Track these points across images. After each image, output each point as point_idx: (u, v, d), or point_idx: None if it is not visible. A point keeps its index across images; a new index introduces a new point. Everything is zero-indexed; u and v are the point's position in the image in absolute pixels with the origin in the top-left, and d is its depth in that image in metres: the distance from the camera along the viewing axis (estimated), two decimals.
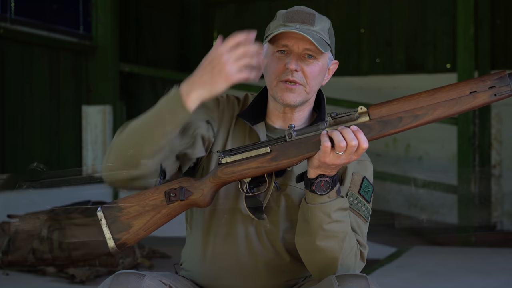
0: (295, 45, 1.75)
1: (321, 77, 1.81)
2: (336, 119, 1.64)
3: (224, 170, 1.69)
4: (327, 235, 1.67)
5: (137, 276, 1.68)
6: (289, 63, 1.74)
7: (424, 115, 1.61)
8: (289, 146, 1.66)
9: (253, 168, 1.68)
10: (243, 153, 1.69)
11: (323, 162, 1.61)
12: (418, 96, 1.63)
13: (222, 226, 1.81)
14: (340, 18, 7.45)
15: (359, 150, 1.60)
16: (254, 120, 1.83)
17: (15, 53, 5.41)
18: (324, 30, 1.79)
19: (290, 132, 1.66)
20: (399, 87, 7.09)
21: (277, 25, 1.78)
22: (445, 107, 1.61)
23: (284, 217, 1.80)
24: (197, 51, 7.83)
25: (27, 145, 5.49)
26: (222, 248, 1.82)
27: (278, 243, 1.80)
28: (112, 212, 1.70)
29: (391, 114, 1.62)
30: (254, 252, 1.81)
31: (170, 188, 1.70)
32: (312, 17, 1.78)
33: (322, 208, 1.66)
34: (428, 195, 6.94)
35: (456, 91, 1.60)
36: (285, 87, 1.76)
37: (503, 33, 7.03)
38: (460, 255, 4.79)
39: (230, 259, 1.82)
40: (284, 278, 1.84)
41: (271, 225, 1.80)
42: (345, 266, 1.72)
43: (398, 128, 1.62)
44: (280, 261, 1.82)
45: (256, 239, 1.81)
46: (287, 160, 1.66)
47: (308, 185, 1.66)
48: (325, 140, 1.60)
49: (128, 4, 6.96)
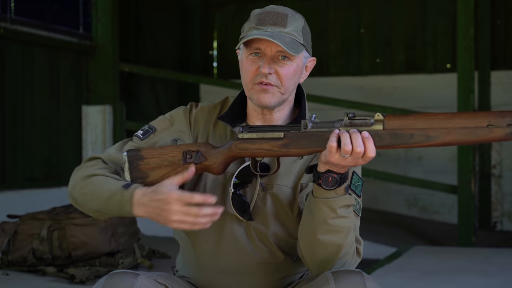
0: (267, 48, 1.76)
1: (297, 77, 1.81)
2: (352, 121, 1.63)
3: (238, 145, 1.72)
4: (330, 230, 1.68)
5: (131, 276, 1.69)
6: (262, 67, 1.76)
7: (436, 137, 1.59)
8: (302, 136, 1.67)
9: (265, 149, 1.70)
10: (259, 132, 1.71)
11: (329, 161, 1.62)
12: (435, 117, 1.59)
13: (211, 230, 1.81)
14: (340, 18, 7.45)
15: (365, 157, 1.60)
16: (234, 121, 1.85)
17: (15, 53, 5.41)
18: (297, 30, 1.78)
19: (306, 123, 1.67)
20: (399, 87, 7.09)
21: (249, 27, 1.79)
22: (459, 134, 1.58)
23: (272, 216, 1.81)
24: (197, 51, 7.84)
25: (27, 145, 5.49)
26: (214, 252, 1.83)
27: (269, 241, 1.81)
28: (135, 159, 1.76)
29: (404, 128, 1.60)
30: (246, 253, 1.82)
31: (188, 150, 1.74)
32: (284, 18, 1.78)
33: (327, 203, 1.66)
34: (428, 195, 6.95)
35: (474, 121, 1.57)
36: (260, 88, 1.77)
37: (503, 33, 7.03)
38: (460, 255, 4.79)
39: (223, 261, 1.83)
40: (279, 275, 1.85)
41: (260, 224, 1.81)
42: (343, 261, 1.72)
43: (407, 144, 1.61)
44: (274, 259, 1.82)
45: (247, 240, 1.81)
46: (296, 150, 1.68)
47: (315, 178, 1.66)
48: (332, 140, 1.60)
49: (128, 4, 6.96)
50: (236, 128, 1.80)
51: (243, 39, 1.77)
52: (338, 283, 1.63)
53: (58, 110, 5.84)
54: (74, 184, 1.80)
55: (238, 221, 1.81)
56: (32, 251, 3.92)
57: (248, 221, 1.80)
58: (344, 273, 1.65)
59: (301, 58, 1.80)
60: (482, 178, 6.78)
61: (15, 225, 4.00)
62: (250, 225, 1.81)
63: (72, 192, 1.81)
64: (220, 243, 1.83)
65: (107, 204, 1.73)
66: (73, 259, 3.90)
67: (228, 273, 1.83)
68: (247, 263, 1.82)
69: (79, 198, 1.79)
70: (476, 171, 6.06)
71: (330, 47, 7.46)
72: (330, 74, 7.46)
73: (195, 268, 1.87)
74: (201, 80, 7.07)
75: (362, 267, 1.78)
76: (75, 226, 3.93)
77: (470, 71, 5.38)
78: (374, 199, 6.98)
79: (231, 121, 1.84)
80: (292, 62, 1.77)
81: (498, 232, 6.73)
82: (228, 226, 1.82)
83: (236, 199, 1.78)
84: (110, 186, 1.73)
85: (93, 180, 1.76)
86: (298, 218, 1.81)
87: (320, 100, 5.90)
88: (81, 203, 1.80)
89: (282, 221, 1.81)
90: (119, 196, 1.70)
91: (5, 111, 5.29)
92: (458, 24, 5.44)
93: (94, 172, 1.77)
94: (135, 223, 4.32)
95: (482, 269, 4.21)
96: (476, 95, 6.34)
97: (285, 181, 1.81)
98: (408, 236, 5.99)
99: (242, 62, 1.81)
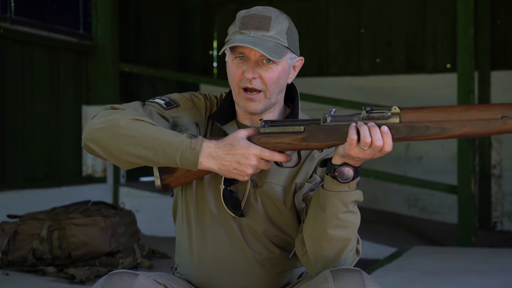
0: (251, 52, 1.77)
1: (283, 79, 1.81)
2: (370, 114, 1.65)
3: (260, 139, 1.73)
4: (340, 224, 1.69)
5: (131, 276, 1.69)
6: (246, 72, 1.77)
7: (451, 129, 1.60)
8: (321, 130, 1.69)
9: (285, 143, 1.72)
10: (280, 127, 1.73)
11: (348, 154, 1.63)
12: (452, 110, 1.60)
13: (205, 228, 1.84)
14: (340, 18, 7.45)
15: (383, 151, 1.62)
16: (224, 120, 1.86)
17: (15, 53, 5.41)
18: (281, 33, 1.78)
19: (325, 117, 1.69)
20: (399, 87, 7.09)
21: (233, 31, 1.80)
22: (474, 126, 1.58)
23: (264, 213, 1.82)
24: (197, 51, 7.84)
25: (27, 145, 5.49)
26: (209, 250, 1.85)
27: (263, 238, 1.83)
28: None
29: (420, 121, 1.61)
30: (242, 249, 1.83)
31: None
32: (268, 21, 1.78)
33: (340, 197, 1.67)
34: (428, 195, 6.95)
35: (488, 113, 1.57)
36: (245, 97, 1.79)
37: (503, 33, 7.03)
38: (460, 255, 4.79)
39: (219, 259, 1.84)
40: (276, 271, 1.86)
41: (252, 221, 1.82)
42: (345, 258, 1.73)
43: (423, 136, 1.62)
44: (270, 254, 1.84)
45: (241, 236, 1.83)
46: (316, 143, 1.70)
47: (331, 170, 1.67)
48: (352, 133, 1.61)
49: (128, 4, 6.96)
50: (260, 122, 1.80)
51: (226, 45, 1.77)
52: (337, 281, 1.63)
53: (58, 110, 5.84)
54: (101, 127, 1.73)
55: (231, 218, 1.83)
56: (32, 251, 3.92)
57: (240, 217, 1.81)
58: (343, 271, 1.65)
59: (286, 61, 1.80)
60: (482, 178, 6.78)
61: (15, 225, 4.00)
62: (243, 221, 1.83)
63: (94, 134, 1.74)
64: (214, 241, 1.84)
65: (158, 149, 1.69)
66: (73, 259, 3.90)
67: (225, 270, 1.84)
68: (243, 259, 1.83)
69: (107, 142, 1.72)
70: (476, 171, 6.06)
71: (330, 47, 7.46)
72: (330, 74, 7.46)
73: (191, 267, 1.88)
74: (201, 80, 7.07)
75: (362, 267, 1.78)
76: (75, 226, 3.93)
77: (470, 71, 5.37)
78: (374, 199, 6.97)
79: (222, 119, 1.86)
80: (277, 65, 1.78)
81: (498, 232, 6.72)
82: (221, 224, 1.83)
83: (227, 196, 1.80)
84: (165, 132, 1.71)
85: (140, 124, 1.72)
86: (290, 215, 1.83)
87: (320, 100, 5.90)
88: (106, 146, 1.72)
89: (274, 218, 1.83)
90: (184, 144, 1.68)
91: (5, 111, 5.29)
92: (458, 24, 5.43)
93: (138, 117, 1.74)
94: (135, 223, 4.32)
95: (482, 269, 4.21)
96: (476, 95, 6.34)
97: (276, 179, 1.82)
98: (408, 236, 5.99)
99: (228, 65, 1.82)
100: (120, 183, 6.13)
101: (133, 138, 1.70)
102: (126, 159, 1.73)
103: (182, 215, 1.90)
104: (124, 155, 1.72)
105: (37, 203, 5.04)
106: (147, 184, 6.41)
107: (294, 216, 1.84)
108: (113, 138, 1.72)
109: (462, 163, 5.40)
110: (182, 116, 1.85)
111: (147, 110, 1.83)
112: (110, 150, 1.73)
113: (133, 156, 1.72)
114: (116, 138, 1.71)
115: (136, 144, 1.70)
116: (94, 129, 1.74)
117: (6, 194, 5.08)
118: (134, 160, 1.73)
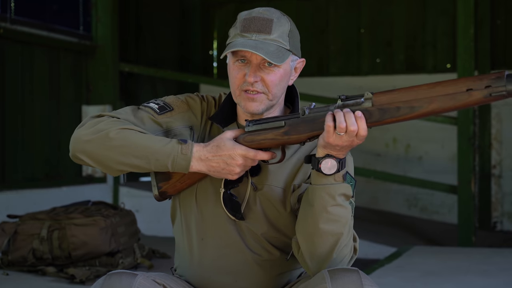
0: (252, 56, 1.77)
1: (285, 81, 1.82)
2: (345, 102, 1.69)
3: (246, 138, 1.77)
4: (330, 218, 1.69)
5: (129, 276, 1.69)
6: (247, 75, 1.77)
7: (420, 107, 1.63)
8: (300, 122, 1.73)
9: (269, 139, 1.75)
10: (263, 124, 1.77)
11: (327, 142, 1.65)
12: (419, 88, 1.64)
13: (204, 230, 1.84)
14: (340, 18, 7.45)
15: (359, 136, 1.64)
16: (225, 122, 1.87)
17: (15, 53, 5.41)
18: (282, 36, 1.78)
19: (304, 110, 1.72)
20: (399, 87, 7.08)
21: (235, 34, 1.79)
22: (441, 101, 1.61)
23: (264, 216, 1.82)
24: (197, 51, 7.84)
25: (27, 145, 5.49)
26: (209, 252, 1.85)
27: (263, 240, 1.83)
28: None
29: (390, 102, 1.65)
30: (241, 251, 1.83)
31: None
32: (269, 24, 1.77)
33: (326, 189, 1.68)
34: (428, 195, 6.95)
35: (454, 87, 1.61)
36: (246, 96, 1.79)
37: (503, 33, 7.03)
38: (460, 255, 4.79)
39: (218, 260, 1.84)
40: (275, 272, 1.86)
41: (252, 224, 1.82)
42: (342, 255, 1.73)
43: (395, 117, 1.65)
44: (269, 256, 1.84)
45: (241, 238, 1.83)
46: (296, 136, 1.73)
47: (315, 164, 1.69)
48: (329, 120, 1.65)
49: (128, 4, 6.96)
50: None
51: (228, 49, 1.77)
52: (335, 281, 1.63)
53: (58, 110, 5.84)
54: (90, 138, 1.76)
55: (230, 220, 1.83)
56: (32, 251, 3.92)
57: (240, 220, 1.82)
58: (340, 271, 1.65)
59: (288, 63, 1.81)
60: (482, 178, 6.78)
61: (15, 225, 4.00)
62: (243, 223, 1.83)
63: (84, 146, 1.77)
64: (213, 243, 1.84)
65: (150, 157, 1.73)
66: (73, 259, 3.90)
67: (225, 271, 1.84)
68: (242, 261, 1.83)
69: (98, 152, 1.75)
70: (476, 171, 6.06)
71: (330, 47, 7.46)
72: (330, 74, 7.46)
73: (191, 268, 1.89)
74: (201, 80, 7.08)
75: (362, 267, 1.79)
76: (75, 226, 3.93)
77: (470, 71, 5.37)
78: (374, 199, 6.97)
79: (222, 121, 1.87)
80: (279, 68, 1.78)
81: (498, 232, 6.72)
82: (221, 226, 1.83)
83: (227, 199, 1.81)
84: (155, 140, 1.75)
85: (129, 133, 1.75)
86: (290, 217, 1.83)
87: (320, 100, 5.90)
88: (97, 157, 1.76)
89: (274, 220, 1.83)
90: (175, 150, 1.73)
91: (5, 111, 5.29)
92: (458, 24, 5.43)
93: (126, 126, 1.77)
94: (135, 223, 4.32)
95: (482, 269, 4.21)
96: None
97: (276, 181, 1.83)
98: (408, 236, 5.99)
99: (229, 67, 1.82)
100: (120, 183, 6.14)
101: (124, 148, 1.74)
102: (117, 168, 1.77)
103: (181, 217, 1.90)
104: (116, 164, 1.76)
105: (37, 203, 5.04)
106: (147, 184, 6.41)
107: (293, 218, 1.84)
108: (104, 149, 1.75)
109: (462, 163, 5.40)
110: (175, 120, 1.86)
111: (139, 115, 1.84)
112: (101, 160, 1.77)
113: (125, 165, 1.76)
114: (107, 149, 1.75)
115: (127, 154, 1.74)
116: (84, 141, 1.77)
117: (6, 194, 5.08)
118: (126, 169, 1.77)
